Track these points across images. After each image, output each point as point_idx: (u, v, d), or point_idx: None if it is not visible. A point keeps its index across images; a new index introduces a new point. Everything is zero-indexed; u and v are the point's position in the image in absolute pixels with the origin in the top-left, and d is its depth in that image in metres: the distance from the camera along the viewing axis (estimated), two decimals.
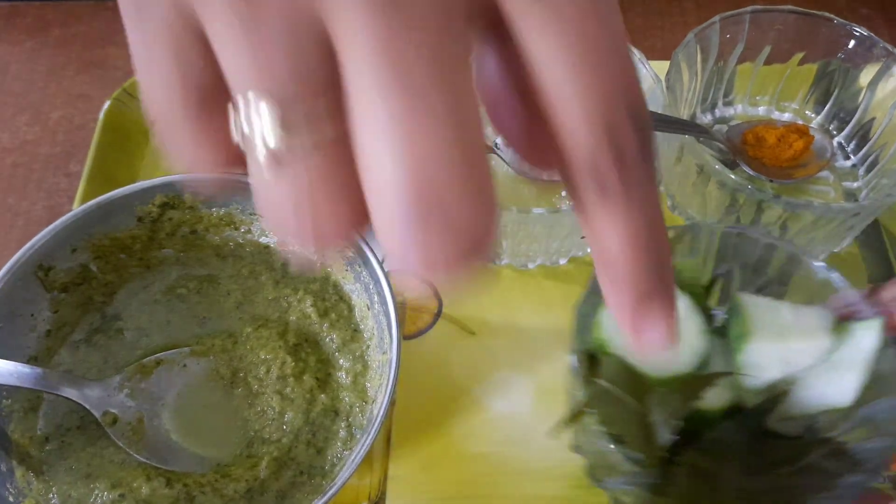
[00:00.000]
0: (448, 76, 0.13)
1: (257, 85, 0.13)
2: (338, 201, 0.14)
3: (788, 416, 0.30)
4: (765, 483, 0.27)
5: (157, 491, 0.31)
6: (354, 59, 0.13)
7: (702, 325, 0.30)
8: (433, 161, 0.13)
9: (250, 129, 0.13)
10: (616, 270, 0.15)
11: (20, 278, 0.32)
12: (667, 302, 0.16)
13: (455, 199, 0.13)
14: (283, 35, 0.13)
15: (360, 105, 0.13)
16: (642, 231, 0.15)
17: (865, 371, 0.29)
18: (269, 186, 0.14)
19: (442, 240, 0.13)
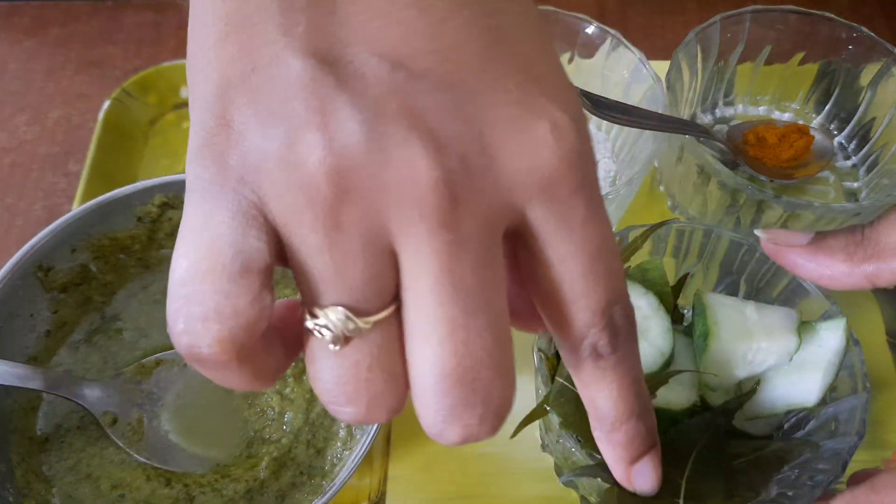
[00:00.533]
0: (490, 283, 0.16)
1: (338, 295, 0.16)
2: (391, 379, 0.16)
3: (754, 415, 0.30)
4: (720, 475, 0.27)
5: (156, 491, 0.31)
6: (417, 271, 0.15)
7: (667, 325, 0.30)
8: (476, 352, 0.16)
9: (323, 323, 0.16)
10: (609, 428, 0.19)
11: (19, 278, 0.32)
12: (655, 456, 0.20)
13: (490, 381, 0.16)
14: (361, 254, 0.15)
15: (420, 308, 0.16)
16: (630, 387, 0.18)
17: (830, 371, 0.29)
18: (332, 366, 0.16)
19: (477, 414, 0.16)
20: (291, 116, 0.15)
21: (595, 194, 0.17)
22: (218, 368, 0.16)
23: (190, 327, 0.15)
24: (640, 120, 0.36)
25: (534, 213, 0.16)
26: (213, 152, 0.15)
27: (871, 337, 0.38)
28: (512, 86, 0.16)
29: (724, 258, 0.34)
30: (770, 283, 0.33)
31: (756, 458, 0.28)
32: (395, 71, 0.15)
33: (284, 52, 0.15)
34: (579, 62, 0.43)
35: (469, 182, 0.15)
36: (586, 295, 0.17)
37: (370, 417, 0.17)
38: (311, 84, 0.15)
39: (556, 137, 0.16)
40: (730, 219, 0.39)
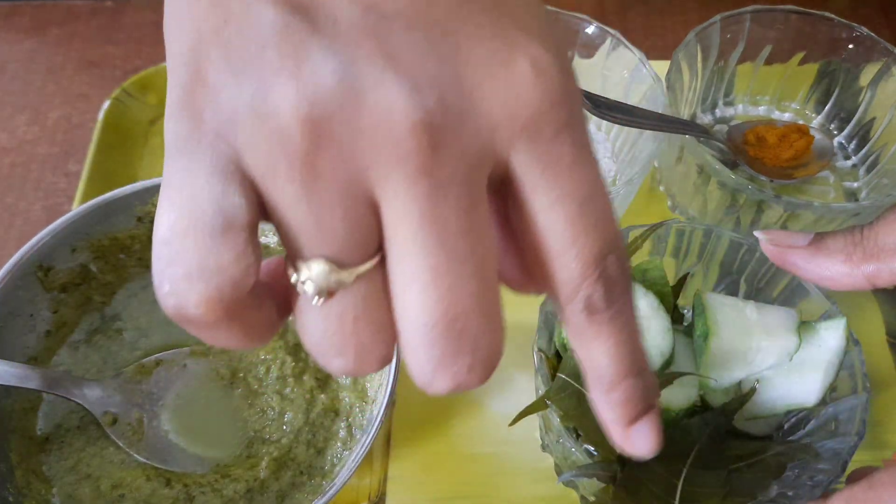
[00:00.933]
0: (474, 229, 0.15)
1: (318, 248, 0.15)
2: (378, 330, 0.16)
3: (754, 415, 0.31)
4: (718, 476, 0.27)
5: (156, 491, 0.31)
6: (398, 219, 0.15)
7: (666, 325, 0.30)
8: (462, 300, 0.15)
9: (305, 277, 0.15)
10: (608, 387, 0.18)
11: (19, 278, 0.32)
12: (654, 416, 0.19)
13: (477, 328, 0.16)
14: (339, 203, 0.15)
15: (403, 256, 0.15)
16: (626, 344, 0.18)
17: (830, 371, 0.29)
18: (317, 319, 0.16)
19: (466, 362, 0.16)
20: (264, 65, 0.14)
21: (582, 135, 0.16)
22: (207, 328, 0.16)
23: (175, 287, 0.15)
24: (640, 120, 0.36)
25: (518, 157, 0.16)
26: (189, 108, 0.15)
27: (871, 337, 0.38)
28: (486, 22, 0.16)
29: (724, 258, 0.34)
30: (770, 283, 0.33)
31: (756, 462, 0.28)
32: (366, 13, 0.15)
33: (256, 2, 0.15)
34: (579, 62, 0.43)
35: (448, 123, 0.15)
36: (576, 244, 0.16)
37: (360, 368, 0.16)
38: (283, 31, 0.15)
39: (537, 74, 0.15)
40: (730, 219, 0.39)
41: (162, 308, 0.15)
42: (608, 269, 0.17)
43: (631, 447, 0.19)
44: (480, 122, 0.15)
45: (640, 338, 0.18)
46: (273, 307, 0.17)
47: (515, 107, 0.15)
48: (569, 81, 0.16)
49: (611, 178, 0.42)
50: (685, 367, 0.31)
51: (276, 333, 0.17)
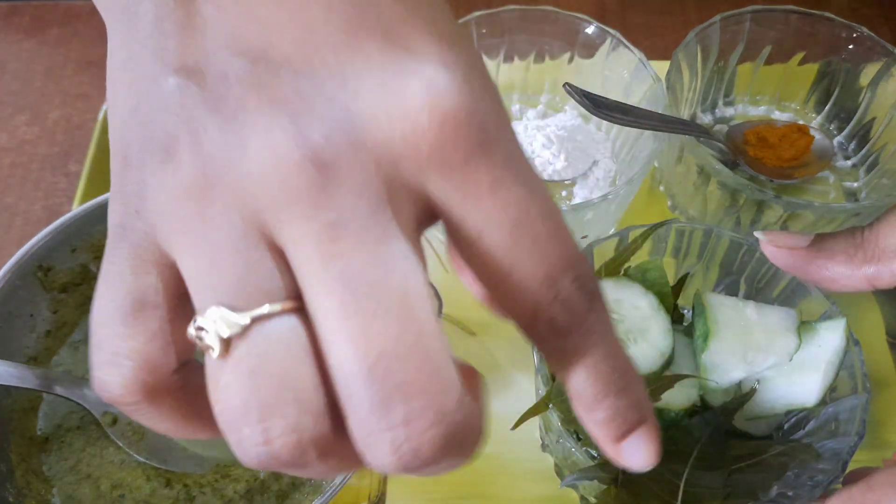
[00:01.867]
0: (386, 264, 0.14)
1: (213, 294, 0.14)
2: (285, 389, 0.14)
3: (754, 415, 0.30)
4: (719, 477, 0.27)
5: (156, 491, 0.31)
6: (301, 261, 0.14)
7: (667, 325, 0.30)
8: (380, 342, 0.14)
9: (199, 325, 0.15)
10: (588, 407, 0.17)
11: (19, 279, 0.32)
12: (646, 430, 0.18)
13: (405, 375, 0.14)
14: (232, 247, 0.14)
15: (312, 300, 0.14)
16: (602, 363, 0.16)
17: (830, 371, 0.29)
18: (217, 378, 0.15)
19: (399, 417, 0.14)
20: (166, 134, 0.15)
21: (504, 153, 0.15)
22: (134, 412, 0.16)
23: (98, 375, 0.15)
24: (640, 120, 0.36)
25: (432, 187, 0.15)
26: (118, 194, 0.16)
27: (871, 337, 0.38)
28: (376, 51, 0.15)
29: (724, 258, 0.34)
30: (770, 283, 0.33)
31: (757, 462, 0.28)
32: (254, 66, 0.15)
33: (158, 78, 0.15)
34: (579, 62, 0.43)
35: (339, 159, 0.14)
36: (516, 270, 0.15)
37: (268, 440, 0.14)
38: (179, 98, 0.15)
39: (432, 97, 0.14)
40: (730, 219, 0.39)
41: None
42: (563, 291, 0.15)
43: (624, 462, 0.18)
44: (379, 152, 0.15)
45: (618, 353, 0.17)
46: None
47: (414, 137, 0.15)
48: (476, 99, 0.15)
49: (611, 177, 0.42)
50: (685, 367, 0.31)
51: None
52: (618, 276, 0.32)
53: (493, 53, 0.43)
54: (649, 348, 0.30)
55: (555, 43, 0.43)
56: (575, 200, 0.41)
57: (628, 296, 0.31)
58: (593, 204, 0.35)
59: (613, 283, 0.31)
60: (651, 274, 0.31)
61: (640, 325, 0.30)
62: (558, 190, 0.41)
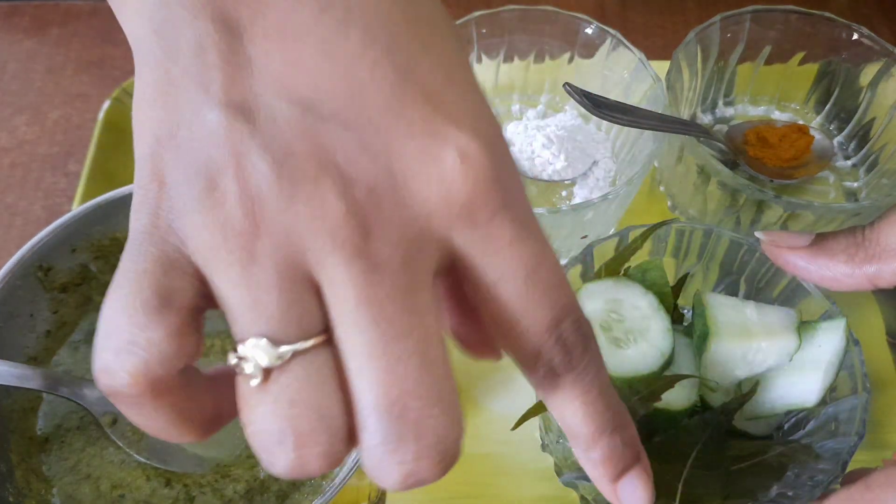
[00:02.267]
0: (413, 311, 0.16)
1: (255, 326, 0.16)
2: (319, 419, 0.16)
3: (754, 415, 0.30)
4: (718, 478, 0.27)
5: (156, 491, 0.31)
6: (337, 301, 0.16)
7: (667, 325, 0.30)
8: (400, 382, 0.16)
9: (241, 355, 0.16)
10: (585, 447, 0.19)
11: (19, 278, 0.32)
12: (640, 470, 0.20)
13: (420, 412, 0.16)
14: (276, 284, 0.16)
15: (343, 336, 0.16)
16: (596, 403, 0.18)
17: (830, 371, 0.29)
18: (254, 404, 0.16)
19: (411, 451, 0.16)
20: (210, 164, 0.16)
21: (520, 214, 0.17)
22: (134, 404, 0.16)
23: (106, 362, 0.16)
24: (640, 120, 0.36)
25: (458, 241, 0.17)
26: (147, 206, 0.16)
27: (871, 337, 0.38)
28: (417, 118, 0.17)
29: (724, 258, 0.34)
30: (770, 283, 0.33)
31: (756, 463, 0.28)
32: (304, 114, 0.16)
33: (203, 108, 0.16)
34: (579, 62, 0.43)
35: (379, 211, 0.16)
36: (526, 315, 0.17)
37: (302, 463, 0.16)
38: (227, 133, 0.16)
39: (466, 165, 0.16)
40: (730, 219, 0.39)
41: (96, 385, 0.16)
42: (563, 333, 0.17)
43: (621, 502, 0.20)
44: (416, 211, 0.16)
45: (612, 393, 0.19)
46: (210, 402, 0.17)
47: (448, 197, 0.16)
48: (500, 165, 0.17)
49: (611, 178, 0.42)
50: (685, 367, 0.31)
51: (215, 431, 0.18)
52: (618, 276, 0.32)
53: (493, 53, 0.43)
54: (649, 348, 0.30)
55: (555, 43, 0.43)
56: (575, 200, 0.41)
57: (628, 296, 0.31)
58: (593, 204, 0.35)
59: (613, 283, 0.31)
60: (651, 274, 0.31)
61: (640, 325, 0.30)
62: (558, 190, 0.41)
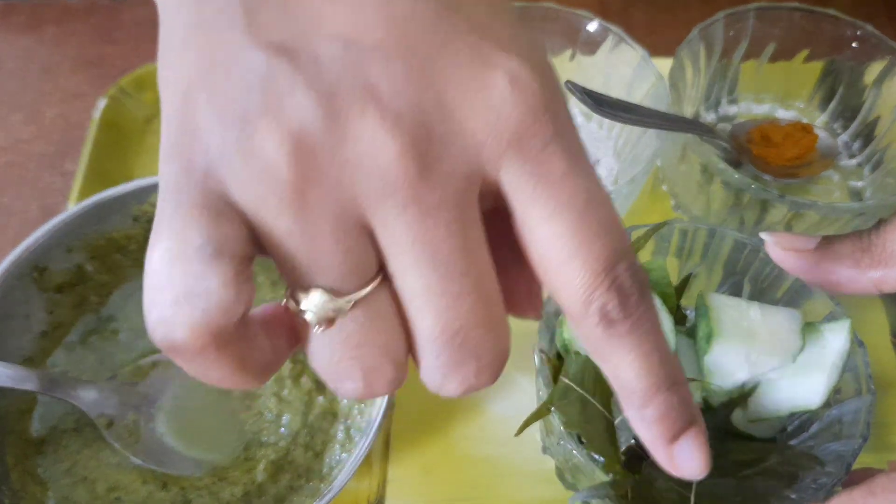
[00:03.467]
0: (467, 247, 0.16)
1: (314, 278, 0.16)
2: (384, 353, 0.17)
3: (758, 417, 0.30)
4: (728, 486, 0.27)
5: (153, 494, 0.30)
6: (392, 244, 0.16)
7: (669, 326, 0.30)
8: (460, 316, 0.16)
9: (304, 307, 0.16)
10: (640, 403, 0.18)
11: (15, 279, 0.31)
12: (698, 433, 0.18)
13: (478, 339, 0.16)
14: (331, 233, 0.15)
15: (401, 277, 0.16)
16: (652, 356, 0.17)
17: (834, 373, 0.29)
18: (322, 346, 0.17)
19: (472, 369, 0.17)
20: (249, 107, 0.15)
21: (572, 145, 0.17)
22: (195, 357, 0.16)
23: (162, 314, 0.15)
24: (643, 118, 0.36)
25: (508, 174, 0.16)
26: (180, 150, 0.16)
27: (875, 338, 0.38)
28: (464, 45, 0.16)
29: (728, 258, 0.34)
30: (774, 284, 0.33)
31: (763, 468, 0.28)
32: (347, 49, 0.15)
33: (241, 48, 0.15)
34: (581, 59, 0.42)
35: (432, 149, 0.15)
36: (580, 253, 0.16)
37: (371, 391, 0.17)
38: (267, 73, 0.15)
39: (516, 89, 0.16)
40: (733, 218, 0.39)
41: (151, 338, 0.16)
42: (619, 277, 0.16)
43: (676, 469, 0.18)
44: (466, 142, 0.16)
45: (667, 348, 0.18)
46: (267, 344, 0.17)
47: (498, 124, 0.16)
48: (551, 93, 0.16)
49: (613, 176, 0.42)
50: (688, 368, 0.31)
51: (272, 374, 0.18)
52: None
53: None
54: None
55: (556, 40, 0.42)
56: None
57: None
58: None
59: None
60: (654, 274, 0.31)
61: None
62: None
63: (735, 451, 0.29)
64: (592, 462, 0.27)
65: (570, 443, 0.27)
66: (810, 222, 0.37)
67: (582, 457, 0.27)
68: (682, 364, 0.31)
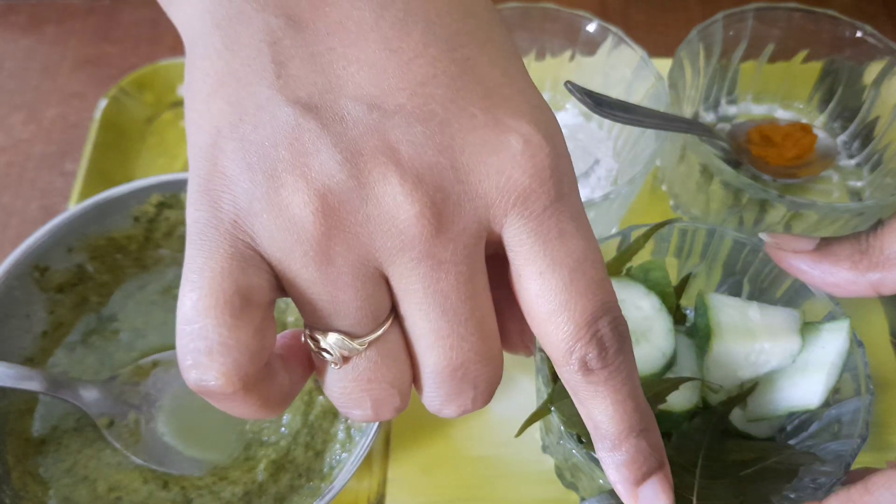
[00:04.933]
0: (473, 296, 0.18)
1: (333, 322, 0.17)
2: (392, 386, 0.18)
3: (757, 417, 0.30)
4: (729, 486, 0.27)
5: (154, 493, 0.30)
6: (405, 294, 0.17)
7: (669, 326, 0.30)
8: (462, 354, 0.18)
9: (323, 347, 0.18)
10: (610, 446, 0.19)
11: (15, 279, 0.31)
12: (663, 477, 0.20)
13: (477, 371, 0.18)
14: (351, 284, 0.17)
15: (411, 321, 0.18)
16: (626, 403, 0.19)
17: (833, 373, 0.29)
18: (336, 380, 0.18)
19: (469, 397, 0.19)
20: (277, 161, 0.16)
21: (573, 206, 0.18)
22: (226, 399, 0.17)
23: (197, 361, 0.16)
24: (642, 118, 0.36)
25: (510, 230, 0.17)
26: (208, 197, 0.17)
27: (874, 338, 0.38)
28: (479, 111, 0.17)
29: (727, 258, 0.34)
30: (773, 284, 0.33)
31: (763, 468, 0.28)
32: (370, 111, 0.16)
33: (269, 103, 0.16)
34: (580, 60, 0.42)
35: (447, 209, 0.17)
36: (567, 308, 0.18)
37: (377, 417, 0.19)
38: (295, 130, 0.16)
39: (526, 155, 0.17)
40: (733, 218, 0.39)
41: (185, 380, 0.17)
42: (600, 330, 0.18)
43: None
44: (477, 202, 0.17)
45: (641, 396, 0.19)
46: (287, 378, 0.19)
47: (507, 186, 0.17)
48: (558, 158, 0.18)
49: (612, 177, 0.42)
50: (687, 368, 0.31)
51: (289, 404, 0.19)
52: (620, 276, 0.31)
53: None
54: (651, 349, 0.29)
55: (556, 40, 0.42)
56: None
57: (630, 296, 0.30)
58: (595, 203, 0.35)
59: (615, 284, 0.30)
60: (653, 274, 0.31)
61: (643, 326, 0.30)
62: None
63: (734, 451, 0.29)
64: (592, 461, 0.27)
65: (569, 442, 0.27)
66: (809, 222, 0.37)
67: (581, 456, 0.27)
68: (682, 364, 0.31)
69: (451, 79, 0.17)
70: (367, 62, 0.16)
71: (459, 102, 0.17)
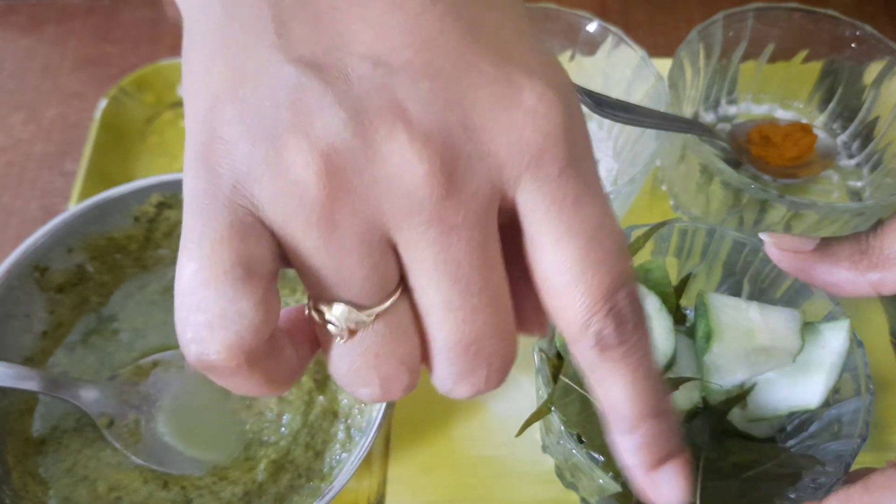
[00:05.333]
0: (485, 264, 0.16)
1: (339, 292, 0.16)
2: (401, 362, 0.17)
3: (757, 417, 0.30)
4: (732, 488, 0.27)
5: (154, 493, 0.30)
6: (415, 261, 0.16)
7: (669, 326, 0.30)
8: (476, 328, 0.17)
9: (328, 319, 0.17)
10: (627, 428, 0.18)
11: (15, 279, 0.31)
12: (681, 462, 0.18)
13: (490, 348, 0.17)
14: (357, 250, 0.16)
15: (422, 291, 0.17)
16: (643, 382, 0.17)
17: (833, 373, 0.29)
18: (342, 356, 0.17)
19: (482, 376, 0.17)
20: (278, 121, 0.15)
21: (588, 172, 0.17)
22: (229, 375, 0.16)
23: (197, 335, 0.16)
24: (642, 118, 0.36)
25: (524, 195, 0.16)
26: (206, 164, 0.16)
27: (874, 338, 0.38)
28: (489, 67, 0.16)
29: (728, 258, 0.34)
30: (773, 284, 0.33)
31: (765, 469, 0.28)
32: (375, 68, 0.15)
33: (270, 63, 0.15)
34: (580, 60, 0.42)
35: (458, 170, 0.16)
36: (584, 279, 0.16)
37: (385, 397, 0.18)
38: (296, 89, 0.15)
39: (539, 112, 0.16)
40: (733, 218, 0.39)
41: (185, 356, 0.16)
42: (619, 304, 0.17)
43: (656, 495, 0.18)
44: (489, 162, 0.16)
45: (659, 377, 0.18)
46: (293, 354, 0.18)
47: (519, 145, 0.16)
48: (573, 119, 0.17)
49: (612, 177, 0.42)
50: (687, 368, 0.31)
51: (296, 381, 0.18)
52: None
53: None
54: None
55: (556, 40, 0.42)
56: None
57: None
58: None
59: None
60: (653, 274, 0.31)
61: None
62: None
63: (735, 452, 0.29)
64: (592, 461, 0.27)
65: (569, 442, 0.27)
66: (809, 222, 0.37)
67: (582, 456, 0.27)
68: (682, 364, 0.31)
69: (459, 35, 0.16)
70: (371, 20, 0.16)
71: (469, 58, 0.16)
